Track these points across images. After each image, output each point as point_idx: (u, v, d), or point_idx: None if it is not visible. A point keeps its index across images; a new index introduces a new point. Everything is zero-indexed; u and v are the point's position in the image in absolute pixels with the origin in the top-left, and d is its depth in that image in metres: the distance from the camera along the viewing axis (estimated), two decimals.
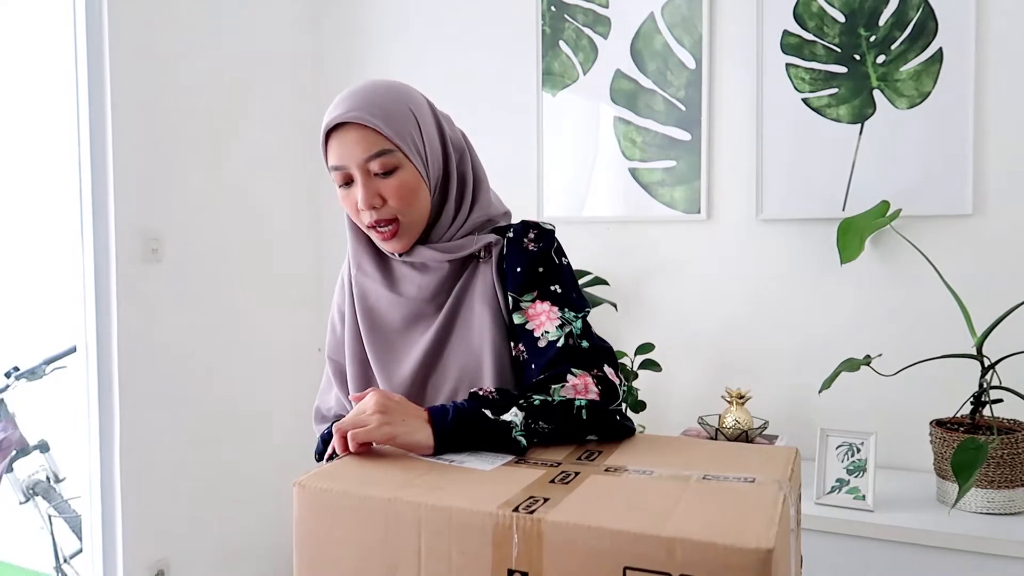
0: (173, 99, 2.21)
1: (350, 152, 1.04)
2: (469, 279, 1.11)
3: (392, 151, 1.04)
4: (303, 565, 0.75)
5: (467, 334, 1.08)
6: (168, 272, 2.20)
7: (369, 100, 1.05)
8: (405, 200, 1.06)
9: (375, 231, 1.08)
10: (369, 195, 1.04)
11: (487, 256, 1.12)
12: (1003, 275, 1.85)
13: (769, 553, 0.58)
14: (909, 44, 1.94)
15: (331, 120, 1.04)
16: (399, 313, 1.11)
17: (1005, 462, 1.59)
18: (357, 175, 1.04)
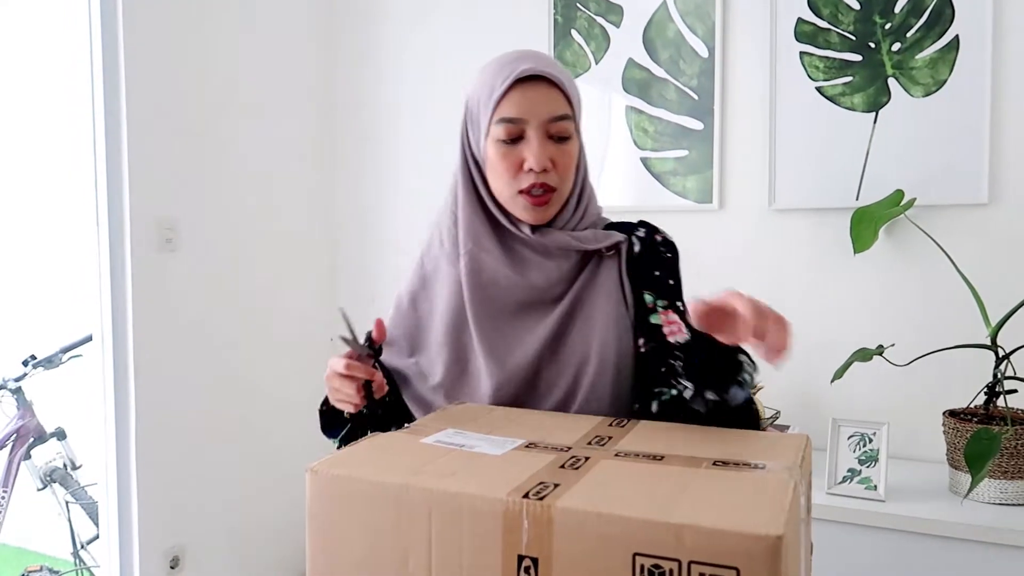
0: (188, 89, 2.23)
1: (535, 107, 1.01)
2: (592, 273, 1.09)
3: (571, 118, 1.03)
4: (316, 550, 0.76)
5: (588, 329, 1.05)
6: (183, 261, 2.22)
7: (554, 63, 1.04)
8: (568, 171, 1.05)
9: (528, 196, 1.03)
10: (544, 156, 1.01)
11: (612, 253, 1.10)
12: (1019, 265, 1.83)
13: (779, 540, 0.58)
14: (925, 31, 1.92)
15: (524, 70, 1.00)
16: (516, 297, 1.06)
17: (1019, 452, 1.59)
18: (534, 133, 1.01)
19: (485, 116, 1.04)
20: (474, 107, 1.07)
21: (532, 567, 0.66)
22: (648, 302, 1.09)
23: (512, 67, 1.01)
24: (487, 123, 1.03)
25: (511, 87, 1.01)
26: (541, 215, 1.05)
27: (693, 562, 0.60)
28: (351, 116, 2.71)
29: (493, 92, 1.02)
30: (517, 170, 1.02)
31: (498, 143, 1.02)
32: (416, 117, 2.60)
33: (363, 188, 2.71)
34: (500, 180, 1.05)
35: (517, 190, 1.03)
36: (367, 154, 2.69)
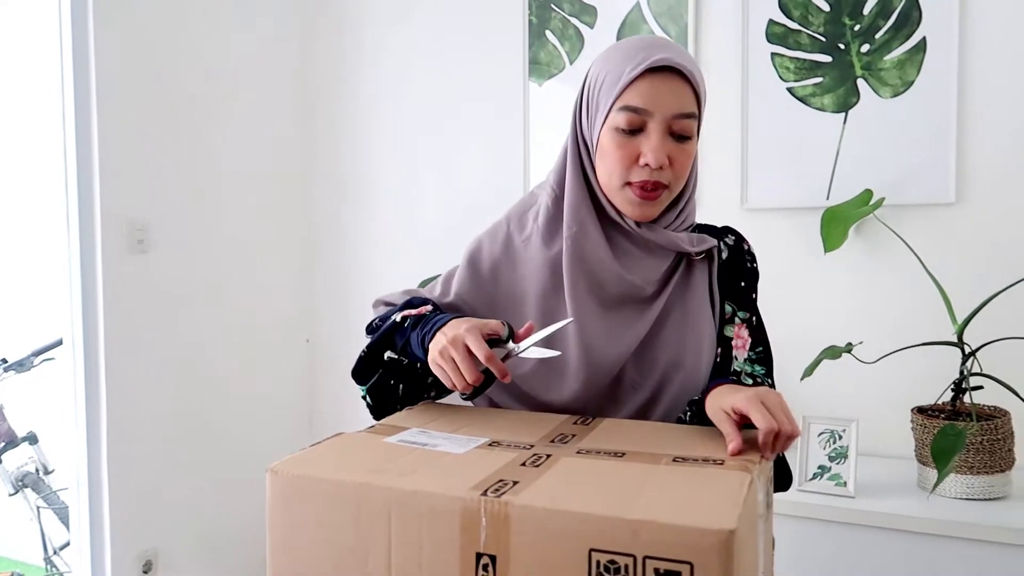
0: (161, 88, 2.21)
1: (664, 100, 0.96)
2: (685, 276, 1.07)
3: (695, 117, 0.99)
4: (276, 550, 0.75)
5: (681, 330, 1.04)
6: (155, 263, 2.20)
7: (689, 58, 0.99)
8: (684, 171, 1.00)
9: (639, 190, 0.98)
10: (663, 152, 0.96)
11: (703, 257, 1.09)
12: (984, 263, 1.86)
13: (731, 534, 0.59)
14: (893, 33, 1.95)
15: (659, 59, 0.95)
16: (616, 289, 1.03)
17: (984, 448, 1.61)
18: (656, 127, 0.96)
19: (607, 101, 0.98)
20: (594, 89, 1.01)
21: (490, 564, 0.66)
22: (728, 312, 1.09)
23: (646, 54, 0.96)
24: (607, 108, 0.98)
25: (641, 75, 0.95)
26: (647, 211, 1.01)
27: (648, 557, 0.61)
28: (327, 115, 2.70)
29: (621, 77, 0.96)
30: (632, 162, 0.98)
31: (616, 131, 0.98)
32: (393, 117, 2.59)
33: (340, 188, 2.70)
34: (611, 169, 1.00)
35: (626, 182, 0.99)
36: (344, 154, 2.69)
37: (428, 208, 2.55)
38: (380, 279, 2.63)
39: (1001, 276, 1.71)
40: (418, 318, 1.00)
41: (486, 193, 2.44)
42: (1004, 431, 1.62)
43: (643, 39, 1.00)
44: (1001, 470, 1.62)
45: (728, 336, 1.08)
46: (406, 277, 2.47)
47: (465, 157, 2.48)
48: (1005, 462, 1.63)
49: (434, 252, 2.50)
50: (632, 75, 0.95)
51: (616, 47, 1.01)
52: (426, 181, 2.55)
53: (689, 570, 0.59)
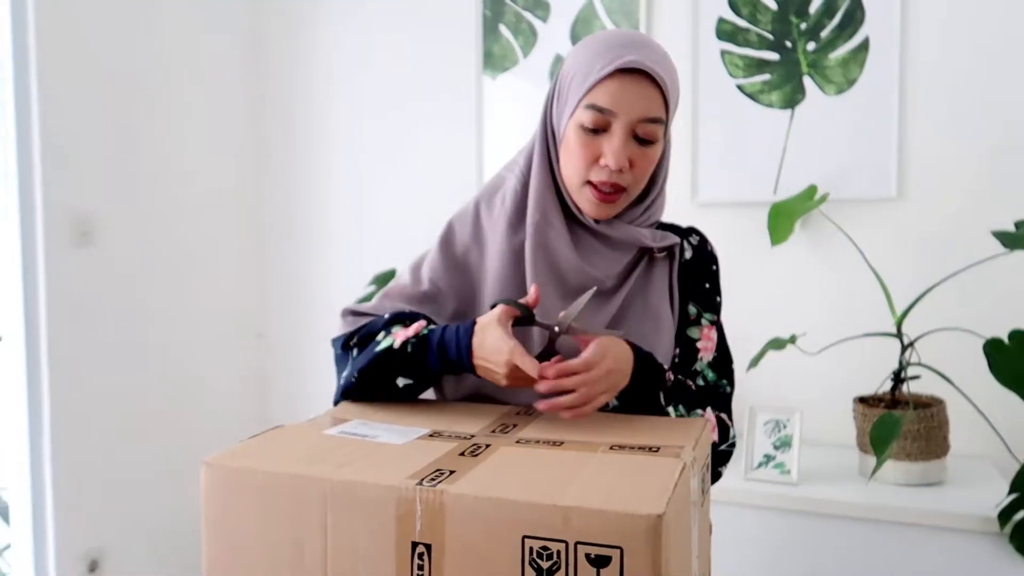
0: (105, 79, 2.16)
1: (631, 103, 0.95)
2: (646, 272, 1.08)
3: (662, 123, 0.98)
4: (212, 545, 0.75)
5: (641, 325, 1.05)
6: (101, 256, 2.15)
7: (662, 59, 0.97)
8: (644, 175, 1.00)
9: (596, 190, 0.99)
10: (624, 156, 0.96)
11: (665, 255, 1.09)
12: (923, 257, 1.91)
13: (659, 519, 0.60)
14: (838, 32, 1.99)
15: (630, 61, 0.93)
16: (577, 281, 1.03)
17: (921, 435, 1.66)
18: (620, 129, 0.95)
19: (575, 96, 0.98)
20: (566, 82, 1.00)
21: (425, 553, 0.67)
22: (692, 313, 1.10)
23: (618, 52, 0.94)
24: (575, 104, 0.97)
25: (610, 75, 0.94)
26: (604, 212, 1.02)
27: (579, 543, 0.62)
28: (279, 108, 2.67)
29: (590, 74, 0.96)
30: (593, 161, 0.98)
31: (580, 128, 0.97)
32: (346, 109, 2.57)
33: (292, 181, 2.67)
34: (572, 166, 1.00)
35: (586, 180, 0.99)
36: (296, 146, 2.65)
37: (381, 201, 2.53)
38: (333, 272, 2.61)
39: (939, 269, 1.76)
40: (422, 339, 0.97)
41: (440, 186, 2.44)
42: (940, 419, 1.67)
43: (622, 35, 0.99)
44: (937, 456, 1.68)
45: (693, 337, 1.09)
46: (360, 270, 2.46)
47: (419, 151, 2.47)
48: (940, 449, 1.68)
49: (388, 245, 2.49)
50: (600, 74, 0.94)
51: (593, 39, 1.00)
52: (379, 174, 2.54)
53: (619, 554, 0.61)
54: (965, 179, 1.91)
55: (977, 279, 1.75)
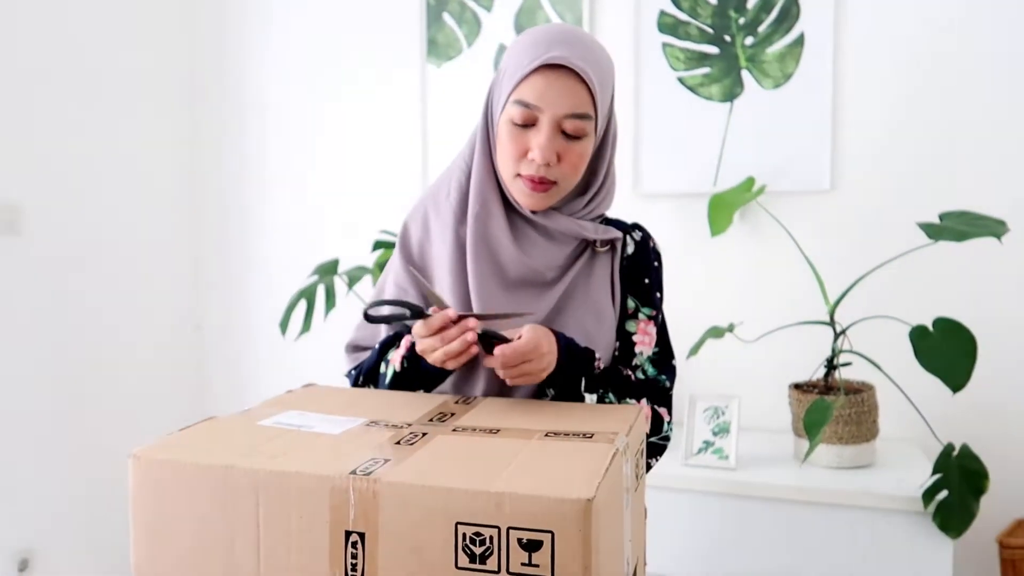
0: (31, 63, 2.07)
1: (556, 99, 0.96)
2: (587, 264, 1.09)
3: (590, 118, 0.98)
4: (140, 539, 0.73)
5: (581, 317, 1.06)
6: (28, 246, 2.08)
7: (590, 55, 0.98)
8: (574, 169, 1.01)
9: (529, 182, 1.00)
10: (551, 150, 0.97)
11: (608, 248, 1.10)
12: (855, 247, 1.97)
13: (589, 503, 0.61)
14: (775, 27, 2.03)
15: (552, 57, 0.95)
16: (516, 273, 1.04)
17: (852, 420, 1.72)
18: (546, 124, 0.97)
19: (506, 90, 0.99)
20: (501, 75, 1.02)
21: (359, 541, 0.67)
22: (630, 308, 1.12)
23: (545, 48, 0.96)
24: (505, 98, 0.99)
25: (537, 70, 0.96)
26: (537, 203, 1.03)
27: (511, 528, 0.63)
28: (215, 97, 2.60)
29: (519, 69, 0.97)
30: (522, 155, 0.99)
31: (510, 123, 0.99)
32: (286, 97, 2.52)
33: (229, 171, 2.61)
34: (503, 159, 1.02)
35: (517, 173, 1.01)
36: (233, 136, 2.60)
37: (323, 191, 2.50)
38: (272, 262, 2.56)
39: (869, 259, 1.82)
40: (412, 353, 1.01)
41: (384, 175, 2.42)
42: (869, 404, 1.73)
43: (554, 30, 0.99)
44: (867, 440, 1.74)
45: (630, 331, 1.11)
46: (300, 260, 2.42)
47: (362, 139, 2.45)
48: (870, 432, 1.74)
49: (328, 235, 2.46)
50: (526, 69, 0.96)
51: (529, 34, 1.01)
52: (321, 164, 2.50)
53: (550, 538, 0.61)
54: (893, 172, 1.97)
55: (904, 269, 1.81)
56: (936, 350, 1.52)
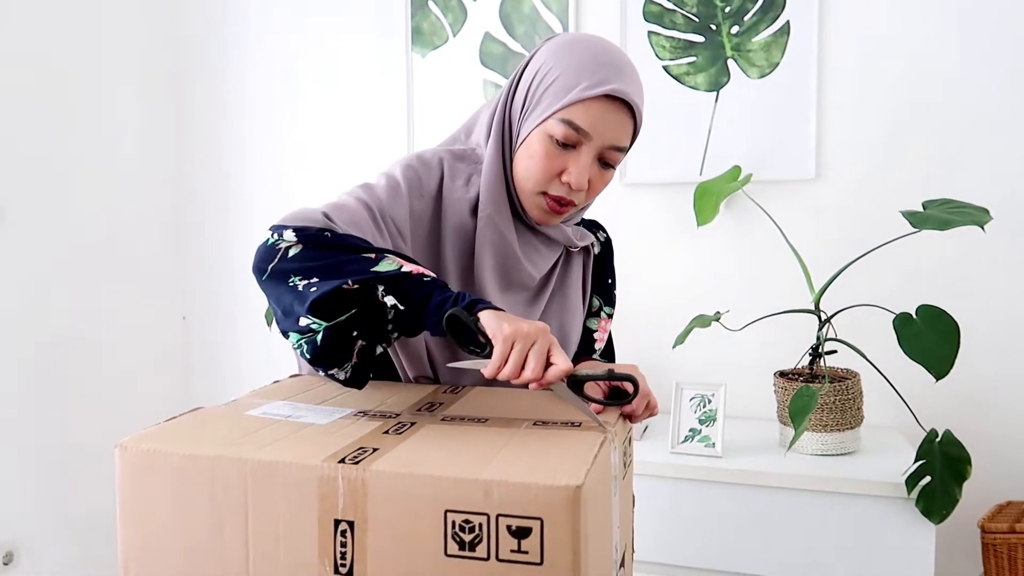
0: (13, 55, 2.04)
1: (606, 130, 0.94)
2: (566, 266, 1.12)
3: (626, 151, 0.99)
4: (128, 531, 0.73)
5: (561, 318, 1.09)
6: (11, 240, 2.05)
7: (639, 87, 0.97)
8: (595, 195, 1.01)
9: (552, 202, 0.98)
10: (586, 177, 0.96)
11: (580, 249, 1.12)
12: (840, 236, 1.99)
13: (578, 489, 0.61)
14: (760, 16, 2.04)
15: (615, 90, 0.92)
16: (516, 277, 1.04)
17: (837, 407, 1.73)
18: (589, 151, 0.95)
19: (550, 104, 0.95)
20: (539, 83, 0.97)
21: (348, 530, 0.66)
22: (594, 306, 1.16)
23: (606, 75, 0.93)
24: (549, 112, 0.94)
25: (595, 96, 0.93)
26: (550, 221, 1.02)
27: (501, 515, 0.63)
28: (197, 86, 2.58)
29: (573, 89, 0.93)
30: (555, 175, 0.97)
31: (550, 139, 0.95)
32: (268, 86, 2.50)
33: (211, 161, 2.59)
34: (531, 174, 0.98)
35: (546, 192, 0.98)
36: (214, 126, 2.57)
37: (307, 182, 2.48)
38: None
39: (854, 248, 1.83)
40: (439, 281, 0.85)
41: (369, 165, 2.40)
42: (854, 391, 1.75)
43: (606, 52, 0.96)
44: (851, 427, 1.75)
45: (592, 328, 1.16)
46: None
47: (347, 128, 2.43)
48: (855, 420, 1.76)
49: None
50: (585, 94, 0.92)
51: (577, 47, 0.96)
52: (305, 154, 2.48)
53: (539, 525, 0.62)
54: (878, 161, 1.99)
55: (888, 257, 1.82)
56: (919, 338, 1.53)
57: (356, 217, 0.92)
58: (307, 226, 0.87)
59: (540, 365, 0.76)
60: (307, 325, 0.81)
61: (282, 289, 0.83)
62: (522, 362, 0.76)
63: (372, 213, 0.94)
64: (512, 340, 0.76)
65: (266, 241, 0.88)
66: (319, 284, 0.80)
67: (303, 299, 0.80)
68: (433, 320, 0.80)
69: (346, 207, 0.93)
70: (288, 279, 0.83)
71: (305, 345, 0.83)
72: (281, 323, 0.85)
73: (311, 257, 0.83)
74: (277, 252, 0.85)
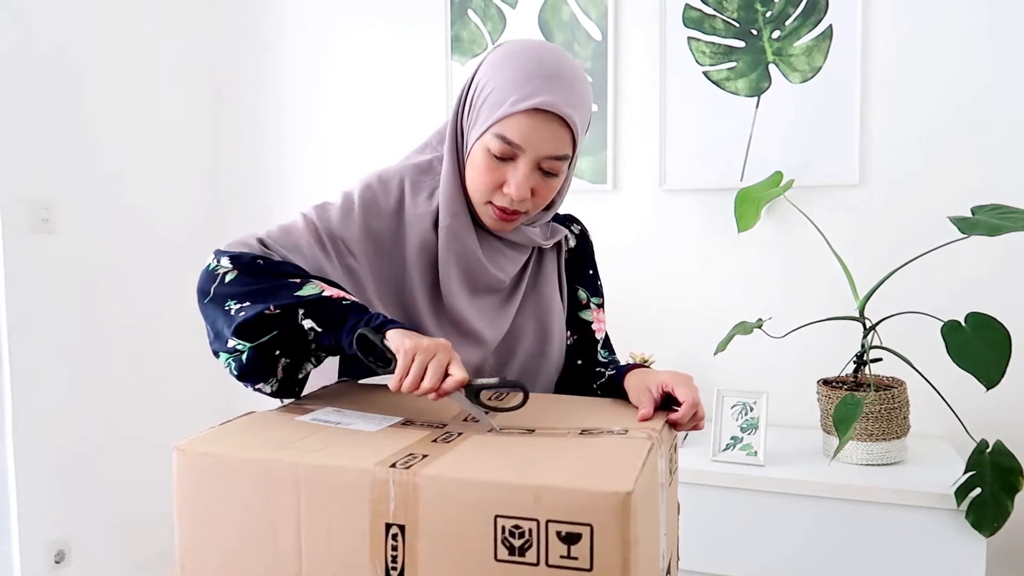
0: (59, 65, 2.11)
1: (539, 143, 0.94)
2: (539, 264, 1.12)
3: (567, 159, 0.98)
4: (184, 530, 0.75)
5: (537, 320, 1.10)
6: (61, 243, 2.12)
7: (576, 95, 0.95)
8: (543, 202, 1.01)
9: (499, 212, 0.99)
10: (527, 189, 0.96)
11: (553, 245, 1.13)
12: (885, 242, 1.96)
13: (628, 496, 0.62)
14: (802, 20, 2.02)
15: (542, 103, 0.92)
16: (484, 282, 1.05)
17: (882, 416, 1.70)
18: (525, 163, 0.95)
19: (485, 119, 0.96)
20: (478, 95, 0.98)
21: (399, 533, 0.67)
22: (582, 298, 1.16)
23: (535, 88, 0.93)
24: (484, 127, 0.96)
25: (523, 110, 0.93)
26: (503, 228, 1.03)
27: (550, 520, 0.63)
28: (239, 90, 2.63)
29: (504, 103, 0.94)
30: (496, 187, 0.98)
31: (488, 153, 0.96)
32: (309, 93, 2.55)
33: (251, 165, 2.64)
34: (475, 184, 1.00)
35: (492, 203, 1.00)
36: (256, 131, 2.62)
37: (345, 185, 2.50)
38: None
39: (899, 254, 1.80)
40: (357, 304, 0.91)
41: None
42: (900, 400, 1.71)
43: (543, 62, 0.95)
44: (897, 437, 1.72)
45: (587, 320, 1.16)
46: None
47: (387, 138, 2.46)
48: (901, 429, 1.73)
49: None
50: (513, 109, 0.93)
51: (511, 58, 0.97)
52: (343, 158, 2.52)
53: (589, 531, 0.62)
54: (924, 165, 1.95)
55: (936, 263, 1.79)
56: (969, 346, 1.50)
57: (300, 240, 0.99)
58: (243, 253, 0.94)
59: (438, 376, 0.81)
60: (234, 346, 0.89)
61: (217, 312, 0.91)
62: (421, 374, 0.81)
63: (318, 235, 1.00)
64: (413, 354, 0.82)
65: (208, 265, 0.95)
66: (247, 308, 0.88)
67: (231, 322, 0.88)
68: (348, 340, 0.87)
69: (292, 231, 1.00)
70: (225, 303, 0.91)
71: (233, 364, 0.91)
72: (212, 343, 0.93)
73: (244, 283, 0.91)
74: (216, 277, 0.93)
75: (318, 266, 0.98)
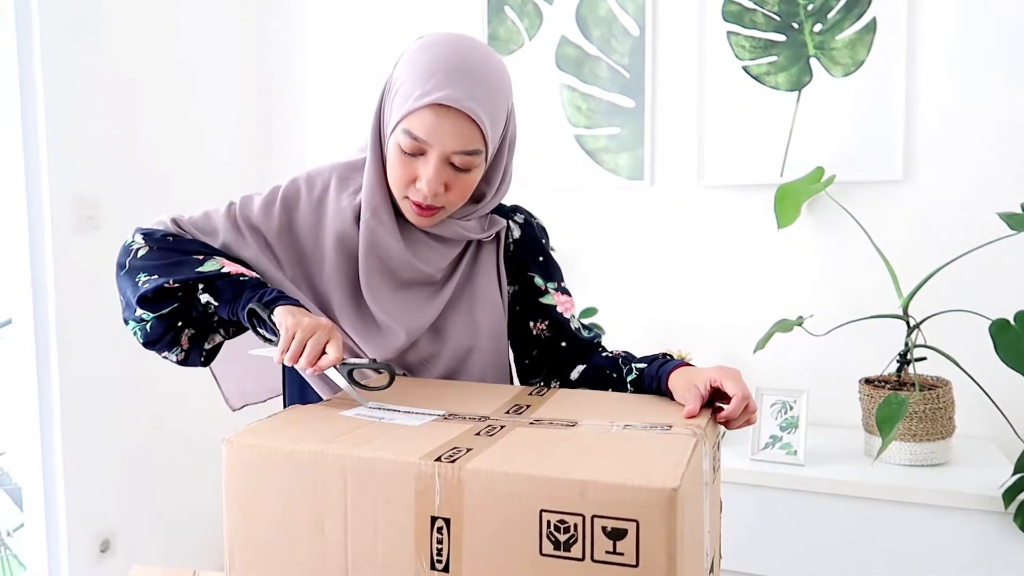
0: (109, 63, 2.15)
1: (444, 138, 0.94)
2: (474, 257, 1.12)
3: (480, 153, 0.97)
4: (233, 520, 0.76)
5: (471, 311, 1.09)
6: (107, 240, 2.16)
7: (481, 89, 0.94)
8: (461, 196, 1.01)
9: (416, 207, 1.00)
10: (438, 183, 0.96)
11: (492, 238, 1.13)
12: (929, 239, 1.92)
13: (675, 492, 0.61)
14: (845, 13, 1.98)
15: (441, 98, 0.92)
16: (408, 276, 1.06)
17: (927, 416, 1.67)
18: (434, 158, 0.95)
19: (395, 114, 0.97)
20: (391, 89, 1.00)
21: (445, 527, 0.68)
22: (539, 285, 1.15)
23: (437, 82, 0.92)
24: (395, 122, 0.97)
25: (427, 105, 0.93)
26: (424, 223, 1.03)
27: (596, 516, 0.63)
28: (281, 90, 2.66)
29: (409, 97, 0.94)
30: (410, 182, 0.98)
31: (399, 148, 0.97)
32: (348, 89, 2.57)
33: (296, 163, 2.67)
34: (392, 180, 1.01)
35: (408, 198, 1.00)
36: (299, 129, 2.65)
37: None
38: None
39: (944, 251, 1.77)
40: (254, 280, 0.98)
41: None
42: (945, 400, 1.68)
43: (446, 57, 0.94)
44: (942, 437, 1.69)
45: (551, 304, 1.14)
46: None
47: None
48: (946, 430, 1.69)
49: None
50: (414, 105, 0.93)
51: (423, 53, 0.96)
52: None
53: (635, 527, 0.62)
54: (971, 160, 1.91)
55: (983, 261, 1.75)
56: (1018, 344, 1.46)
57: (217, 225, 1.07)
58: (155, 230, 1.05)
59: (314, 353, 0.88)
60: (140, 315, 0.99)
61: (128, 283, 1.01)
62: (301, 350, 0.88)
63: (236, 224, 1.06)
64: (294, 331, 0.88)
65: (126, 241, 1.06)
66: (151, 281, 0.97)
67: (136, 292, 0.98)
68: (243, 314, 0.94)
69: (213, 216, 1.08)
70: (136, 275, 1.00)
71: (139, 332, 1.02)
72: (124, 312, 1.04)
73: (152, 257, 1.01)
74: (131, 252, 1.03)
75: (231, 252, 1.05)
